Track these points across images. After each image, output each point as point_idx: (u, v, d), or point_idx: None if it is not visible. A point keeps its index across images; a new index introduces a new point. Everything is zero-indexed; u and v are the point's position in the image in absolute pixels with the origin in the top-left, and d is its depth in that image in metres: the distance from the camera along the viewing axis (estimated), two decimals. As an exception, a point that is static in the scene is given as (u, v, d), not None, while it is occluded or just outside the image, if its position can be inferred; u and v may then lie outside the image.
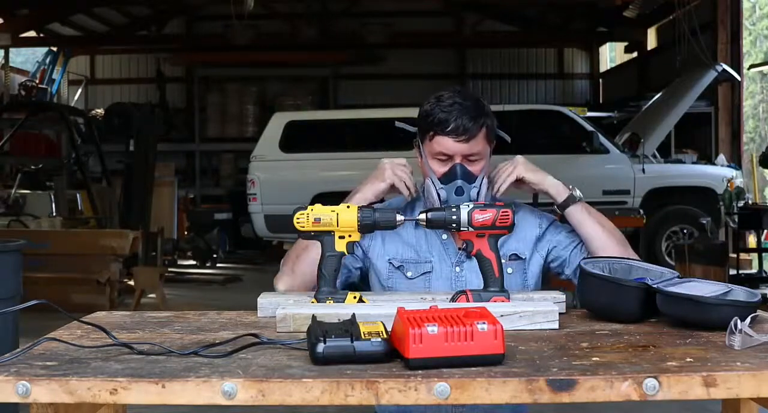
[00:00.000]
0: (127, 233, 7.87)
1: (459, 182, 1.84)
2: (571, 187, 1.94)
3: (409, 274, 1.93)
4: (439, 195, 1.86)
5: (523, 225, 1.94)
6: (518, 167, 1.91)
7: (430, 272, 1.92)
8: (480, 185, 1.87)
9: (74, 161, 11.22)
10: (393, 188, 1.93)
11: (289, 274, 1.90)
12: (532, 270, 1.95)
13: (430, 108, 1.87)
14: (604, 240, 1.89)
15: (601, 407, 1.52)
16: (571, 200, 1.92)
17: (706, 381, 1.14)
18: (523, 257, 1.94)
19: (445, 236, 1.94)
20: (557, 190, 1.92)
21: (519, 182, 1.92)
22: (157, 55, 15.52)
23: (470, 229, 1.65)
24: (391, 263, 1.94)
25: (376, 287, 1.97)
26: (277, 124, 9.44)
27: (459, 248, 1.91)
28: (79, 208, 10.93)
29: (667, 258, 8.70)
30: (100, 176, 11.38)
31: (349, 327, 1.27)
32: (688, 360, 1.23)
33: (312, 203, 1.70)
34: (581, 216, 1.92)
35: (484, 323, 1.21)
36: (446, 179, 1.87)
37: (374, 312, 1.46)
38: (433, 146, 1.88)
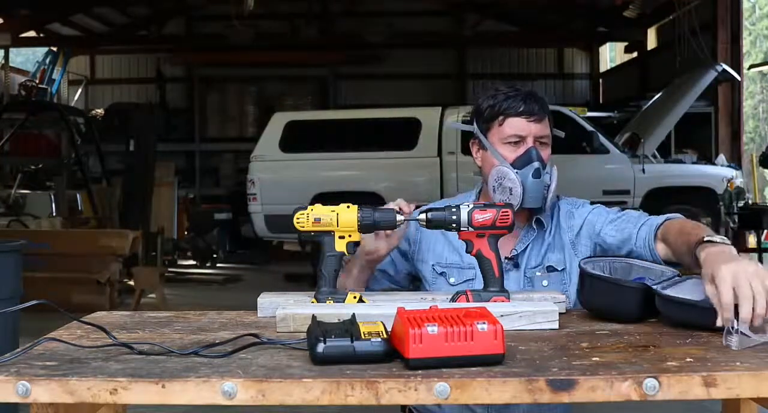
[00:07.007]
0: (127, 233, 7.88)
1: (536, 164, 1.80)
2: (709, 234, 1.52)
3: (452, 280, 1.88)
4: (517, 178, 1.80)
5: (558, 233, 1.87)
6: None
7: (473, 279, 1.85)
8: (551, 173, 1.83)
9: (74, 161, 11.23)
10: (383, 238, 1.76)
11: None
12: (575, 280, 1.78)
13: (493, 98, 1.85)
14: None
15: (601, 407, 1.52)
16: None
17: (706, 381, 1.14)
18: (560, 269, 1.88)
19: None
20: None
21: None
22: (157, 55, 15.53)
23: (470, 229, 1.65)
24: (434, 268, 1.91)
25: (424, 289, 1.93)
26: (277, 124, 9.45)
27: (505, 258, 1.82)
28: (79, 208, 10.94)
29: (667, 258, 8.68)
30: (100, 176, 11.38)
31: (349, 327, 1.27)
32: (688, 360, 1.23)
33: (312, 203, 1.70)
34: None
35: (484, 323, 1.21)
36: (521, 162, 1.81)
37: (374, 312, 1.46)
38: (504, 129, 1.84)
